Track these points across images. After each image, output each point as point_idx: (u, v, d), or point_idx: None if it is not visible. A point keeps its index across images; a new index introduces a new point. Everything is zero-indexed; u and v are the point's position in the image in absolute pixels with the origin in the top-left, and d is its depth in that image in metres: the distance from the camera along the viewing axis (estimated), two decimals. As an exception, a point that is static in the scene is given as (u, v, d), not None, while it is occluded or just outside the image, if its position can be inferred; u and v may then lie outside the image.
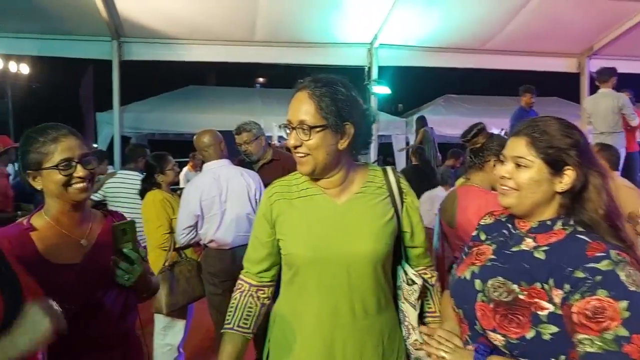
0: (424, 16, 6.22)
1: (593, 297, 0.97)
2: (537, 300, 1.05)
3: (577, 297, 0.99)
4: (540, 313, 1.04)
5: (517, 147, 1.15)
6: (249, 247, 1.51)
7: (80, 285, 1.35)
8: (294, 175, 1.47)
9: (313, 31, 6.49)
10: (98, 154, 4.84)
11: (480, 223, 1.37)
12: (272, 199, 1.44)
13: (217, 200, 2.90)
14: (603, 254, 1.01)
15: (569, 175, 1.11)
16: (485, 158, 2.22)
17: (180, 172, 6.49)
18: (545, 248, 1.11)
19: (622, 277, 0.97)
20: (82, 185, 1.37)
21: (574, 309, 0.99)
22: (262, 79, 20.52)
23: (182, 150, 8.19)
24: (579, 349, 0.98)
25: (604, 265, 0.99)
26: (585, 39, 7.03)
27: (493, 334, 1.10)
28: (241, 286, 1.49)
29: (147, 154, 4.10)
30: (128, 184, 3.97)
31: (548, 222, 1.15)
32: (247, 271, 1.50)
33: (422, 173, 5.67)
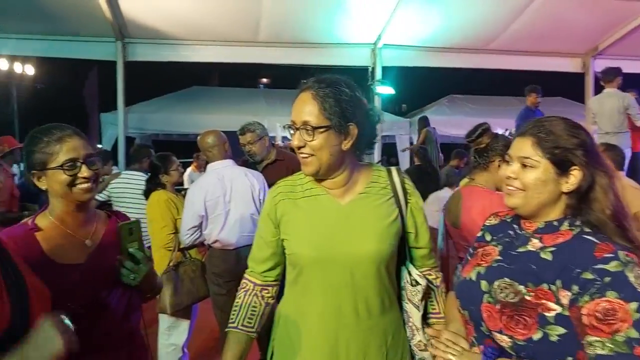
0: (428, 16, 6.20)
1: (603, 299, 0.97)
2: (544, 301, 1.05)
3: (586, 298, 0.98)
4: (547, 314, 1.04)
5: (523, 147, 1.14)
6: (253, 247, 1.51)
7: (84, 286, 1.35)
8: (299, 176, 1.47)
9: (317, 31, 6.49)
10: (103, 155, 4.85)
11: (485, 224, 1.36)
12: (276, 198, 1.44)
13: (221, 200, 2.90)
14: (611, 255, 1.01)
15: (576, 175, 1.10)
16: (489, 158, 2.21)
17: (184, 173, 6.50)
18: (552, 249, 1.10)
19: (631, 279, 0.97)
20: (87, 185, 1.38)
21: (583, 311, 0.98)
22: (265, 80, 20.56)
23: (187, 150, 8.22)
24: (589, 351, 0.97)
25: (612, 267, 0.99)
26: (590, 39, 6.99)
27: (499, 335, 1.09)
28: (245, 285, 1.49)
29: (151, 155, 4.11)
30: (133, 185, 3.98)
31: (554, 223, 1.14)
32: (251, 270, 1.50)
33: (424, 173, 5.66)
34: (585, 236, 1.08)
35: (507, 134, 4.76)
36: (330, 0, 5.90)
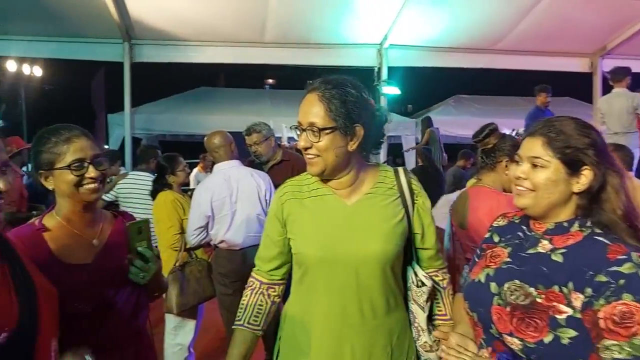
0: (434, 16, 6.19)
1: (619, 302, 0.95)
2: (555, 303, 1.03)
3: (602, 302, 0.97)
4: (558, 317, 1.02)
5: (534, 147, 1.13)
6: (260, 245, 1.52)
7: (92, 285, 1.36)
8: (305, 176, 1.47)
9: (323, 32, 6.50)
10: (111, 155, 4.87)
11: (493, 225, 1.35)
12: (283, 198, 1.45)
13: (227, 201, 2.90)
14: (624, 256, 0.99)
15: (587, 175, 1.09)
16: (497, 159, 2.19)
17: (190, 173, 6.53)
18: (563, 251, 1.09)
19: None
20: (94, 186, 1.38)
21: (600, 315, 0.97)
22: (271, 80, 20.59)
23: (193, 151, 8.23)
24: (605, 355, 0.96)
25: (626, 269, 0.97)
26: (597, 39, 6.94)
27: (510, 337, 1.08)
28: (252, 284, 1.50)
29: (158, 155, 4.12)
30: (139, 185, 4.00)
31: (564, 224, 1.13)
32: (258, 269, 1.51)
33: (426, 174, 5.64)
34: (597, 237, 1.07)
35: (514, 134, 4.74)
36: (336, 1, 5.90)
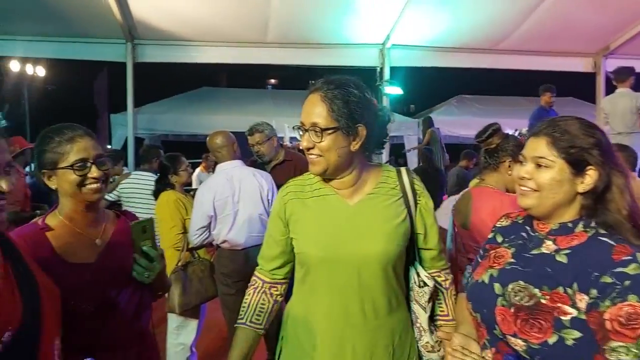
0: (437, 16, 6.17)
1: (625, 303, 0.95)
2: (559, 304, 1.03)
3: (607, 303, 0.97)
4: (563, 318, 1.02)
5: (538, 147, 1.13)
6: (263, 245, 1.53)
7: (95, 285, 1.36)
8: (308, 175, 1.47)
9: (325, 32, 6.49)
10: (114, 155, 4.88)
11: (496, 225, 1.34)
12: (285, 198, 1.45)
13: (230, 200, 2.91)
14: (630, 257, 0.99)
15: (591, 175, 1.09)
16: (500, 159, 2.19)
17: (193, 173, 6.53)
18: (567, 251, 1.08)
19: None
20: (96, 186, 1.38)
21: (606, 316, 0.96)
22: (273, 80, 20.61)
23: (196, 151, 8.24)
24: (611, 357, 0.95)
25: (632, 269, 0.97)
26: (601, 38, 6.91)
27: (514, 339, 1.08)
28: (255, 282, 1.51)
29: (161, 155, 4.13)
30: (142, 185, 4.00)
31: (569, 224, 1.12)
32: (261, 268, 1.52)
33: (425, 174, 5.63)
34: (601, 238, 1.06)
35: (516, 134, 4.73)
36: (338, 1, 5.89)
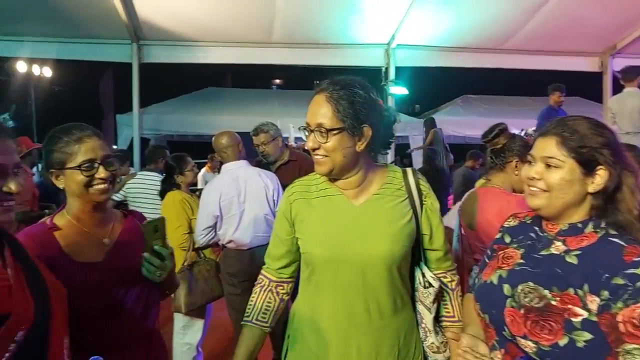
0: (442, 16, 6.15)
1: (638, 305, 0.94)
2: (570, 306, 1.02)
3: (620, 305, 0.96)
4: (573, 319, 1.01)
5: (547, 147, 1.12)
6: (270, 244, 1.53)
7: (103, 284, 1.36)
8: (314, 176, 1.47)
9: (330, 32, 6.48)
10: (121, 155, 4.91)
11: (504, 225, 1.34)
12: (291, 198, 1.46)
13: (235, 200, 2.91)
14: None
15: (602, 175, 1.08)
16: (506, 159, 2.18)
17: (198, 173, 6.55)
18: (577, 252, 1.08)
19: None
20: (103, 186, 1.39)
21: (619, 318, 0.95)
22: (278, 81, 20.62)
23: (201, 151, 8.26)
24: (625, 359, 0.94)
25: None
26: (607, 37, 6.85)
27: (524, 340, 1.07)
28: (261, 281, 1.52)
29: (166, 155, 4.14)
30: (148, 185, 4.02)
31: (578, 225, 1.12)
32: (267, 267, 1.53)
33: (429, 176, 5.62)
34: (612, 239, 1.05)
35: (522, 134, 4.70)
36: (344, 1, 5.88)
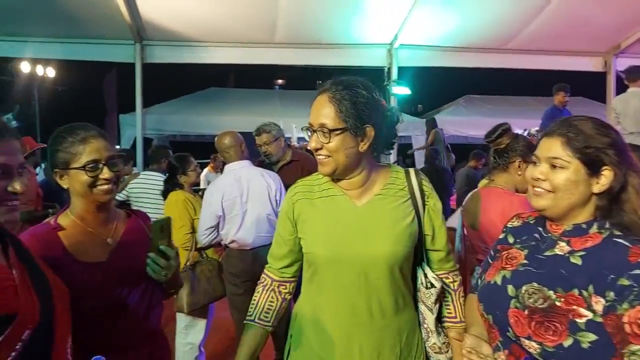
0: (445, 16, 6.14)
1: None
2: (574, 307, 1.02)
3: (625, 306, 0.95)
4: (578, 320, 1.01)
5: (552, 147, 1.11)
6: (273, 243, 1.54)
7: (106, 284, 1.36)
8: (317, 176, 1.48)
9: (333, 32, 6.48)
10: (125, 156, 4.92)
11: (507, 225, 1.33)
12: (294, 198, 1.46)
13: (238, 201, 2.92)
14: None
15: (607, 175, 1.07)
16: (509, 159, 2.17)
17: (201, 173, 6.56)
18: (582, 253, 1.07)
19: None
20: (107, 187, 1.39)
21: (625, 319, 0.95)
22: (281, 81, 20.64)
23: (204, 151, 8.28)
24: None
25: None
26: (611, 37, 6.82)
27: (528, 341, 1.07)
28: (264, 280, 1.52)
29: (169, 155, 4.15)
30: (151, 185, 4.03)
31: (583, 225, 1.11)
32: (270, 266, 1.53)
33: (429, 176, 5.61)
34: (617, 239, 1.05)
35: (525, 134, 4.69)
36: (346, 1, 5.88)
